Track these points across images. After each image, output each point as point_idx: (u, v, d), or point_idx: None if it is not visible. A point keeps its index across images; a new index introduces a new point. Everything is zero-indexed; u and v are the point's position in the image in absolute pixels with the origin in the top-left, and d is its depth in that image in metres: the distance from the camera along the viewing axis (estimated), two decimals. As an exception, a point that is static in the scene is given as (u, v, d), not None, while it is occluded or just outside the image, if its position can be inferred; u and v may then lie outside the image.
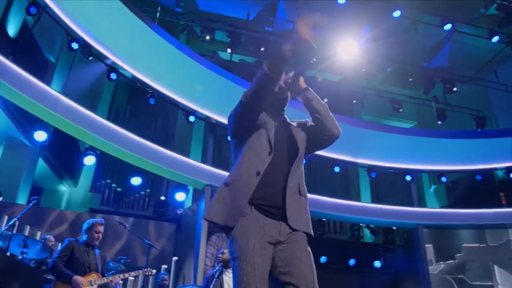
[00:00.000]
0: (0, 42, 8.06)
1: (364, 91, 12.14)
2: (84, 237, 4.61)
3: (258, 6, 12.28)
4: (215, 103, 9.50)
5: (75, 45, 7.78)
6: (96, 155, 8.28)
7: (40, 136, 7.37)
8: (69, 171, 10.65)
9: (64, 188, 10.96)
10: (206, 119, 9.68)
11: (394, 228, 11.62)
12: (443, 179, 10.92)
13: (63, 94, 7.48)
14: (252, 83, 2.22)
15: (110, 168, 11.42)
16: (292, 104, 2.55)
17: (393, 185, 12.31)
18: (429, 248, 9.97)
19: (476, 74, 12.68)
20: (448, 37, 11.94)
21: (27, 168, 9.17)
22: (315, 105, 2.37)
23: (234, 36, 10.96)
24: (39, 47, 9.63)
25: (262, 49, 11.24)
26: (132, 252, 8.43)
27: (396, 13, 10.63)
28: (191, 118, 9.16)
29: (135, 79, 8.86)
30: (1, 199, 7.58)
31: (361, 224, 11.79)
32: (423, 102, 12.71)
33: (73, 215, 8.69)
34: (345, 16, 10.74)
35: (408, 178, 10.79)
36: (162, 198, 10.68)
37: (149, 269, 5.05)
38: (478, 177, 10.78)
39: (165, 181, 10.96)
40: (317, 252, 2.24)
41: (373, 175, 10.78)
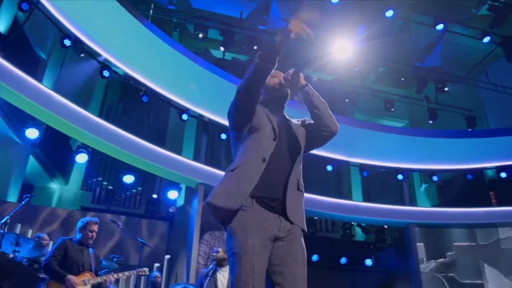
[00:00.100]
0: (-9, 38, 7.97)
1: (358, 90, 12.19)
2: (78, 235, 4.57)
3: (251, 5, 12.27)
4: (208, 101, 9.48)
5: (67, 42, 7.72)
6: (88, 153, 8.21)
7: (32, 133, 7.29)
8: (60, 168, 10.56)
9: (55, 185, 10.87)
10: (199, 117, 9.66)
11: (385, 226, 11.68)
12: (435, 178, 11.01)
13: (54, 91, 7.41)
14: (245, 75, 2.26)
15: (101, 165, 11.33)
16: (293, 105, 2.57)
17: (385, 184, 12.38)
18: (421, 246, 10.05)
19: (468, 74, 12.78)
20: (440, 37, 12.01)
21: (18, 166, 9.08)
22: (314, 101, 2.40)
23: (227, 35, 10.92)
24: (30, 44, 9.52)
25: (255, 48, 11.20)
26: (125, 250, 8.39)
27: (389, 13, 10.66)
28: (184, 116, 9.14)
29: (127, 77, 8.81)
30: None
31: (353, 223, 11.83)
32: (415, 102, 12.78)
33: (65, 213, 8.63)
34: (339, 15, 10.76)
35: (400, 177, 10.86)
36: (154, 196, 10.63)
37: (143, 269, 5.02)
38: (469, 177, 10.88)
39: (157, 179, 10.91)
40: (308, 251, 2.27)
41: (365, 174, 10.85)
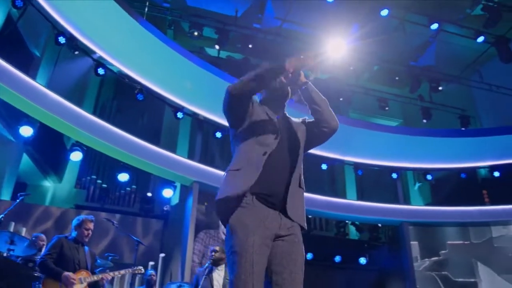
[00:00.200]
0: (-16, 35, 7.91)
1: (352, 89, 12.23)
2: (74, 233, 4.55)
3: (246, 3, 12.26)
4: (203, 99, 9.47)
5: (62, 39, 7.67)
6: (83, 151, 8.16)
7: (26, 131, 7.25)
8: (53, 166, 10.50)
9: (48, 184, 10.80)
10: (194, 115, 9.64)
11: (379, 225, 11.73)
12: (429, 177, 11.06)
13: (48, 88, 7.37)
14: (245, 77, 2.26)
15: (95, 164, 11.28)
16: (293, 105, 2.57)
17: (378, 183, 12.42)
18: (414, 245, 10.10)
19: (461, 74, 12.85)
20: (434, 37, 12.06)
21: (11, 164, 9.01)
22: (315, 98, 2.40)
23: (222, 33, 10.89)
24: (24, 41, 9.45)
25: (250, 46, 11.19)
26: (119, 248, 8.37)
27: (384, 12, 10.69)
28: (179, 115, 9.12)
29: (122, 75, 8.77)
30: None
31: (347, 221, 11.87)
32: (409, 101, 12.83)
33: (59, 211, 8.59)
34: (334, 14, 10.78)
35: (394, 175, 10.91)
36: (149, 194, 10.60)
37: (139, 268, 5.02)
38: (463, 175, 10.95)
39: (151, 177, 10.88)
40: (302, 249, 2.30)
41: (359, 172, 10.89)
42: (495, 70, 12.39)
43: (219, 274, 5.58)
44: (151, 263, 7.86)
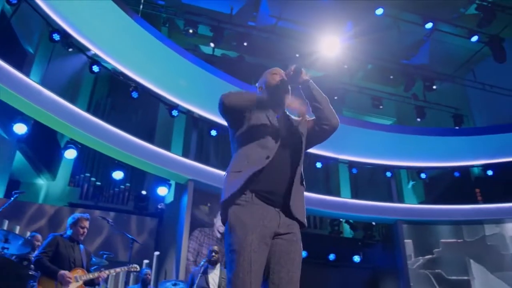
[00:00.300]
0: (-23, 32, 7.84)
1: (346, 87, 12.25)
2: (69, 232, 4.52)
3: (241, 1, 12.23)
4: (197, 97, 9.45)
5: (56, 36, 7.61)
6: (77, 149, 8.11)
7: (20, 129, 7.19)
8: (47, 164, 10.43)
9: (42, 181, 10.74)
10: (188, 113, 9.62)
11: (373, 223, 11.77)
12: (423, 176, 11.11)
13: (42, 86, 7.32)
14: (244, 95, 2.38)
15: (89, 161, 11.21)
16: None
17: (372, 181, 12.46)
18: (409, 243, 10.15)
19: (455, 73, 12.91)
20: (428, 35, 12.10)
21: (4, 161, 8.95)
22: (316, 95, 2.41)
23: (217, 31, 10.86)
24: (17, 38, 9.38)
25: (245, 44, 11.17)
26: (113, 246, 8.33)
27: (379, 11, 10.71)
28: (174, 113, 9.09)
29: (117, 72, 8.73)
30: None
31: (341, 219, 11.90)
32: (403, 100, 12.87)
33: (53, 209, 8.55)
34: (328, 12, 10.79)
35: (388, 174, 10.96)
36: (143, 192, 10.56)
37: (134, 265, 5.01)
38: (457, 174, 11.01)
39: (146, 175, 10.85)
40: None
41: (354, 171, 10.92)
42: (489, 69, 12.46)
43: (215, 273, 5.59)
44: (146, 261, 7.85)
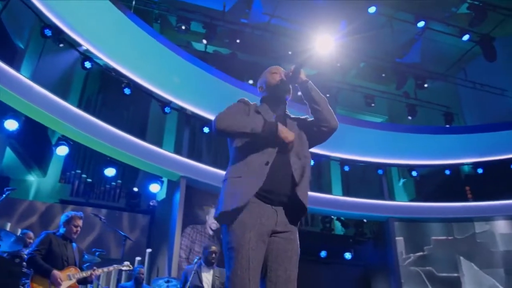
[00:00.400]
0: (-34, 26, 7.73)
1: (339, 85, 12.28)
2: (62, 230, 4.48)
3: (234, -2, 12.19)
4: (190, 94, 9.42)
5: (48, 32, 7.54)
6: (69, 145, 8.05)
7: (11, 125, 7.11)
8: (37, 160, 10.31)
9: (32, 178, 10.62)
10: (181, 110, 9.58)
11: (364, 220, 11.82)
12: (414, 173, 11.19)
13: (33, 81, 7.25)
14: (238, 124, 2.27)
15: (80, 158, 11.12)
16: (293, 105, 2.58)
17: (364, 178, 12.52)
18: (400, 240, 10.21)
19: (446, 71, 13.00)
20: (420, 34, 12.16)
21: (-6, 157, 8.86)
22: (314, 97, 2.40)
23: (210, 28, 10.82)
24: (8, 33, 9.26)
25: (237, 41, 11.13)
26: (105, 244, 8.30)
27: (372, 9, 10.75)
28: (167, 109, 9.06)
29: (109, 68, 8.66)
30: None
31: (333, 217, 11.94)
32: (395, 98, 12.93)
33: (44, 206, 8.49)
34: (322, 10, 10.80)
35: (379, 172, 11.01)
36: (135, 189, 10.50)
37: (128, 264, 4.99)
38: (447, 172, 11.10)
39: (137, 172, 10.78)
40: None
41: (345, 168, 10.96)
42: (480, 68, 12.56)
43: (208, 272, 5.58)
44: (138, 258, 7.81)
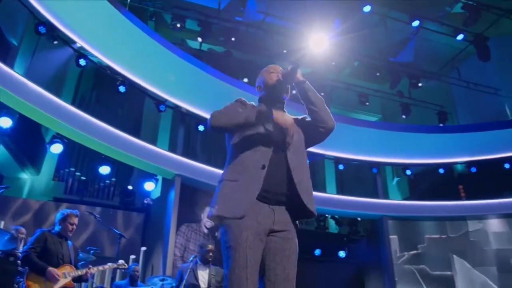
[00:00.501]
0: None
1: (333, 84, 12.31)
2: (57, 228, 4.46)
3: (229, -5, 12.17)
4: (185, 92, 9.39)
5: (42, 29, 7.48)
6: (64, 143, 8.00)
7: (5, 122, 7.07)
8: (31, 158, 10.25)
9: (25, 176, 10.56)
10: (176, 108, 9.56)
11: (358, 219, 11.87)
12: (408, 172, 11.24)
13: (26, 78, 7.20)
14: (232, 116, 2.28)
15: (74, 155, 11.06)
16: (292, 105, 2.58)
17: (358, 177, 12.56)
18: (394, 239, 10.26)
19: (440, 71, 13.06)
20: (414, 33, 12.21)
21: (-13, 155, 8.81)
22: (311, 97, 2.40)
23: (205, 25, 10.79)
24: (1, 29, 9.19)
25: (232, 39, 11.12)
26: (99, 242, 8.27)
27: (366, 8, 10.76)
28: (162, 107, 9.03)
29: (103, 66, 8.62)
30: None
31: (327, 215, 11.97)
32: (389, 96, 12.98)
33: (38, 204, 8.45)
34: (316, 9, 10.80)
35: (374, 170, 11.06)
36: (130, 187, 10.47)
37: (123, 263, 4.98)
38: (441, 171, 11.16)
39: (132, 170, 10.75)
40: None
41: (340, 167, 10.98)
42: (473, 68, 12.63)
43: (205, 270, 5.58)
44: (132, 256, 7.80)
